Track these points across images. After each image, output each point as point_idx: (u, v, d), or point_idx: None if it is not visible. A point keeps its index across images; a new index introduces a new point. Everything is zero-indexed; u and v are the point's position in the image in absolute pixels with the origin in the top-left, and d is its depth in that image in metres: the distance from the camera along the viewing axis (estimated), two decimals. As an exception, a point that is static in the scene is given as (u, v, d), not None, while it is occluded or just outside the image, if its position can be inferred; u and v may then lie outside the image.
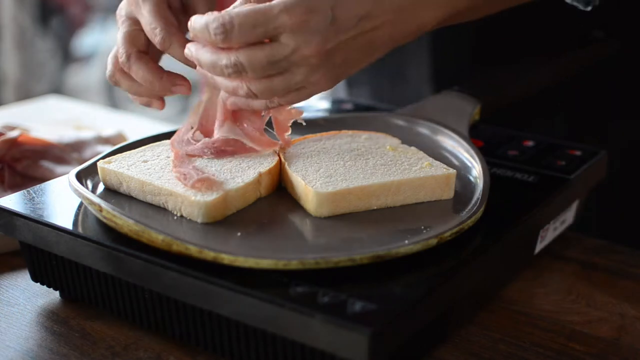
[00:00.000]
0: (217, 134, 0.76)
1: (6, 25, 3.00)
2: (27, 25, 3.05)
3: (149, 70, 0.74)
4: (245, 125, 0.76)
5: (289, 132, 0.77)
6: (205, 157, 0.75)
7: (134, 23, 0.76)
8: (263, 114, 0.75)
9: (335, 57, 0.66)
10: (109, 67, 0.77)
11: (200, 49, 0.68)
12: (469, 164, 0.79)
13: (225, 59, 0.66)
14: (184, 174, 0.70)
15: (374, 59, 0.70)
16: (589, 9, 0.83)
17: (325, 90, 0.70)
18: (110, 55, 0.77)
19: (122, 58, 0.75)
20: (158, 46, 0.74)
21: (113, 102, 3.99)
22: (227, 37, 0.65)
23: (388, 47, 0.70)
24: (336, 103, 1.04)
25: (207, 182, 0.69)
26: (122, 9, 0.78)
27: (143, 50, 0.76)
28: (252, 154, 0.76)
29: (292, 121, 0.76)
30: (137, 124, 1.30)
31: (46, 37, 3.97)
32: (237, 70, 0.66)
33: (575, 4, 0.84)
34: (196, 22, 0.67)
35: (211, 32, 0.65)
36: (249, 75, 0.66)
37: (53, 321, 0.72)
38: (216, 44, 0.66)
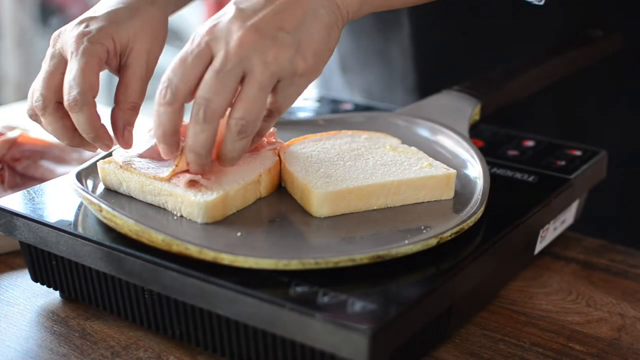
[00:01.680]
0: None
1: (6, 25, 3.00)
2: (27, 25, 3.05)
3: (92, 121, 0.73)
4: None
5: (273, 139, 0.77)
6: None
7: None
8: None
9: (269, 28, 0.64)
10: (41, 97, 0.74)
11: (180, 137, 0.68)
12: (469, 164, 0.79)
13: (194, 112, 0.64)
14: (178, 175, 0.70)
15: (317, 18, 0.66)
16: (542, 3, 0.82)
17: (305, 66, 0.66)
18: (43, 83, 0.74)
19: (71, 96, 0.71)
20: (67, 104, 0.72)
21: (113, 102, 3.99)
22: (172, 88, 0.64)
23: (317, 5, 0.66)
24: (336, 103, 1.04)
25: (197, 183, 0.69)
26: (56, 38, 0.76)
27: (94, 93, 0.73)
28: (252, 154, 0.76)
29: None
30: (136, 123, 1.29)
31: (46, 37, 3.97)
32: (207, 105, 0.64)
33: None
34: (155, 118, 0.67)
35: (162, 99, 0.65)
36: (218, 100, 0.64)
37: (53, 321, 0.72)
38: (174, 103, 0.65)
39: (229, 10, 0.66)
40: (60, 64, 0.75)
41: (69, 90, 0.72)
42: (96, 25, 0.75)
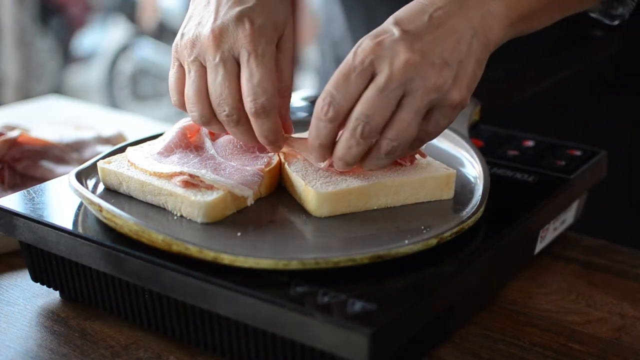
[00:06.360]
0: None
1: (6, 25, 3.00)
2: (27, 25, 3.05)
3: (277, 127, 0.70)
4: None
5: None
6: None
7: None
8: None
9: (432, 55, 0.64)
10: (234, 110, 0.70)
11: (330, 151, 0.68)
12: (469, 164, 0.79)
13: (352, 127, 0.65)
14: (177, 174, 0.70)
15: (471, 51, 0.67)
16: (616, 23, 0.82)
17: (459, 98, 0.66)
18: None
19: (261, 99, 0.68)
20: (253, 111, 0.69)
21: (113, 102, 3.99)
22: (334, 107, 0.65)
23: (469, 36, 0.66)
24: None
25: (189, 183, 0.69)
26: (216, 39, 0.70)
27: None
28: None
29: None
30: (137, 124, 1.30)
31: (46, 37, 3.97)
32: (367, 123, 0.64)
33: (600, 18, 0.84)
34: (313, 129, 0.67)
35: (324, 115, 0.65)
36: (377, 118, 0.64)
37: (53, 321, 0.72)
38: (336, 120, 0.65)
39: (391, 29, 0.65)
40: (235, 68, 0.70)
41: (255, 97, 0.68)
42: (260, 20, 0.70)
